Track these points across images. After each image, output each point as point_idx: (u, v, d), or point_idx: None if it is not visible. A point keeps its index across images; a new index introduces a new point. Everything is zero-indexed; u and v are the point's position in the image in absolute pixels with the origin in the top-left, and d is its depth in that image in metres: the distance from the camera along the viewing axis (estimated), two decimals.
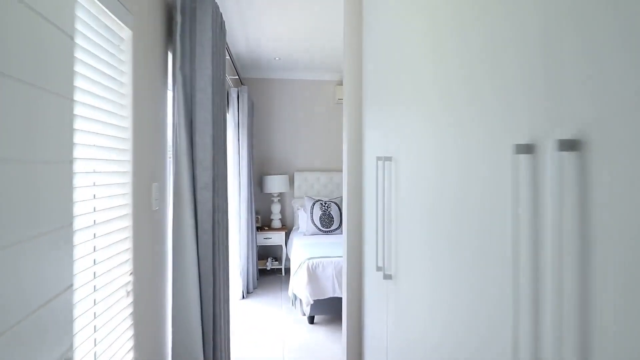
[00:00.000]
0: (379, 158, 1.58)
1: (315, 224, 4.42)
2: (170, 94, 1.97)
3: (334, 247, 3.65)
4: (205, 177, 1.87)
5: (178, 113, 1.85)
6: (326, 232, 4.42)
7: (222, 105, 2.29)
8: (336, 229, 4.44)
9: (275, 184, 4.78)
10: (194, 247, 1.83)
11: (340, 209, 4.55)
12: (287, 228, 5.06)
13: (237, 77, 4.12)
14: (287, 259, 4.91)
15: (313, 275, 3.22)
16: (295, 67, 4.85)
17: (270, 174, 5.08)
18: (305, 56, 4.37)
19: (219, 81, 2.12)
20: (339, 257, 3.32)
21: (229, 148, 4.11)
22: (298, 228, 4.77)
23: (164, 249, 1.88)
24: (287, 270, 4.88)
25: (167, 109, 1.95)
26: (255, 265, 4.44)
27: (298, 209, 4.83)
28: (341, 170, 5.37)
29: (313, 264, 3.25)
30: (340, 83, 5.18)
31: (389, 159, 1.49)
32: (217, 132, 2.08)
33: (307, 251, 3.52)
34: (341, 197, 4.79)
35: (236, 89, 4.08)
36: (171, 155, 1.91)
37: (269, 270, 4.91)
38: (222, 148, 2.26)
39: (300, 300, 3.30)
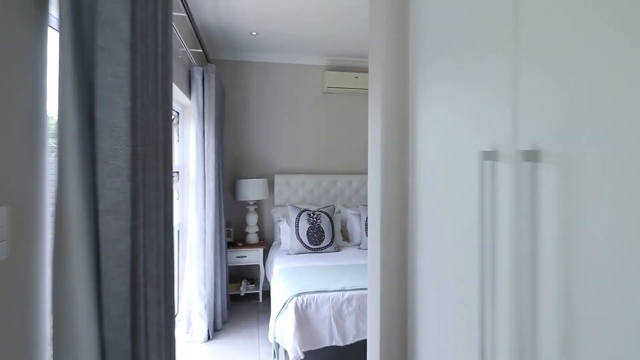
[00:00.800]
0: (486, 155, 0.75)
1: (301, 240, 3.55)
2: (54, 34, 1.06)
3: (330, 274, 2.79)
4: (114, 191, 0.97)
5: (63, 68, 0.95)
6: (315, 251, 3.55)
7: (166, 69, 1.39)
8: (327, 245, 3.58)
9: (251, 190, 3.87)
10: (95, 337, 0.93)
11: (332, 220, 3.69)
12: (266, 244, 4.16)
13: (201, 50, 3.19)
14: (266, 281, 4.01)
15: (303, 318, 2.35)
16: (277, 47, 3.96)
17: (245, 178, 4.16)
18: (289, 34, 3.50)
19: (153, 21, 1.22)
20: (338, 290, 2.47)
21: (190, 144, 3.18)
22: (280, 244, 3.88)
23: (33, 331, 0.97)
24: (267, 294, 3.98)
25: (48, 61, 1.04)
26: (226, 291, 3.53)
27: (279, 220, 3.94)
28: (332, 173, 4.59)
29: (303, 302, 2.38)
30: (331, 68, 4.34)
31: (532, 154, 0.66)
32: (149, 108, 1.19)
33: (294, 282, 2.64)
34: (332, 205, 3.94)
35: (200, 69, 3.16)
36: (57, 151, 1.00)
37: (243, 296, 3.99)
38: (162, 137, 1.36)
39: (285, 351, 2.42)
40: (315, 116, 4.38)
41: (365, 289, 2.49)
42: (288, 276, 2.79)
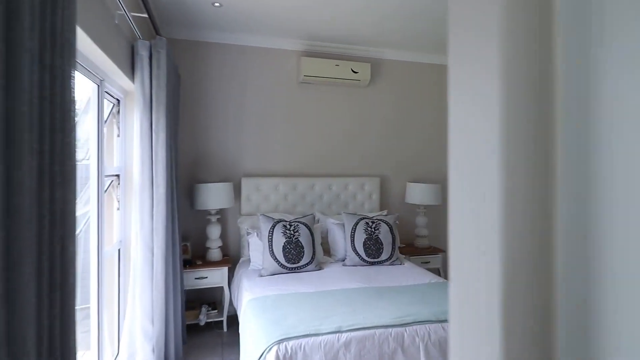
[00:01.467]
0: None
1: (276, 259, 2.91)
2: None
3: (317, 305, 2.18)
4: None
5: None
6: (293, 270, 2.93)
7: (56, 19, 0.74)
8: (307, 263, 2.97)
9: (212, 196, 3.19)
10: None
11: (312, 232, 3.09)
12: (232, 261, 3.48)
13: (146, 15, 2.48)
14: (231, 305, 3.34)
15: None
16: (244, 25, 3.31)
17: (206, 182, 3.47)
18: (260, 9, 2.87)
19: None
20: (333, 332, 1.87)
21: (135, 139, 2.47)
22: (249, 262, 3.22)
23: None
24: (233, 321, 3.31)
25: None
26: (181, 323, 2.83)
27: (248, 233, 3.28)
28: (309, 175, 3.90)
29: (287, 352, 1.76)
30: (308, 54, 3.74)
31: None
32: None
33: (271, 321, 2.01)
34: (311, 214, 3.34)
35: (147, 43, 2.46)
36: None
37: (204, 325, 3.28)
38: (41, 101, 0.70)
39: None
40: (290, 109, 3.76)
41: (367, 328, 1.92)
42: (263, 311, 2.16)
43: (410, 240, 4.11)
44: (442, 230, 4.33)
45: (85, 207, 2.35)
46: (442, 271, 3.84)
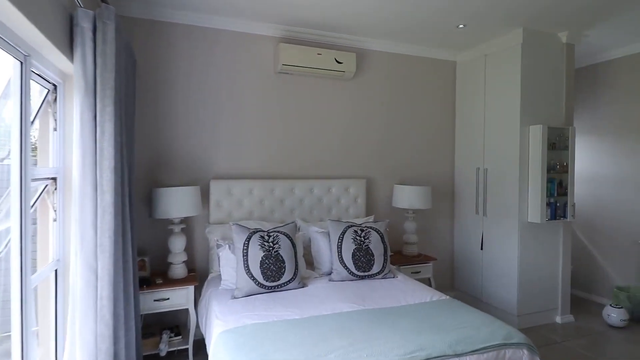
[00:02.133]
0: None
1: (253, 276, 2.47)
2: None
3: (308, 337, 1.77)
4: None
5: None
6: (273, 289, 2.50)
7: None
8: (290, 280, 2.55)
9: (176, 203, 2.70)
10: None
11: (293, 243, 2.67)
12: (199, 277, 3.00)
13: None
14: (198, 327, 2.86)
15: None
16: (214, 6, 2.85)
17: (168, 185, 2.97)
18: None
19: None
20: None
21: (74, 132, 1.96)
22: (220, 279, 2.76)
23: None
24: (200, 347, 2.82)
25: None
26: (135, 356, 2.33)
27: (219, 245, 2.81)
28: (288, 177, 3.38)
29: None
30: (287, 40, 3.32)
31: None
32: None
33: None
34: (293, 222, 2.91)
35: (90, 13, 1.96)
36: None
37: (165, 355, 2.77)
38: None
39: None
40: (266, 102, 3.32)
41: None
42: (239, 349, 1.71)
43: (397, 247, 3.77)
44: (433, 237, 4.02)
45: (6, 221, 1.82)
46: (433, 281, 3.53)
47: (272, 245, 2.56)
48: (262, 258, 2.49)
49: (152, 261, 2.92)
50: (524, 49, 3.30)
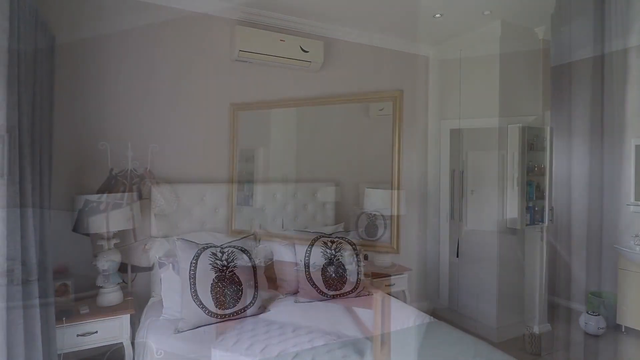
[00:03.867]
0: None
1: (202, 304, 2.01)
2: None
3: None
4: None
5: None
6: (227, 318, 2.05)
7: None
8: (248, 305, 2.11)
9: (107, 212, 2.18)
10: None
11: (252, 260, 2.24)
12: (136, 304, 2.48)
13: None
14: None
15: None
16: None
17: (97, 192, 2.44)
18: None
19: None
20: None
21: None
22: (161, 305, 2.26)
23: None
24: None
25: None
26: None
27: (161, 264, 2.32)
28: (247, 181, 3.09)
29: None
30: (245, 23, 2.88)
31: None
32: None
33: None
34: (252, 234, 2.48)
35: None
36: None
37: None
38: None
39: None
40: (220, 94, 2.87)
41: None
42: None
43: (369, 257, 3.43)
44: (408, 245, 3.73)
45: None
46: (408, 294, 3.22)
47: (226, 264, 2.11)
48: (214, 280, 2.04)
49: (76, 285, 2.37)
50: (502, 43, 3.09)
